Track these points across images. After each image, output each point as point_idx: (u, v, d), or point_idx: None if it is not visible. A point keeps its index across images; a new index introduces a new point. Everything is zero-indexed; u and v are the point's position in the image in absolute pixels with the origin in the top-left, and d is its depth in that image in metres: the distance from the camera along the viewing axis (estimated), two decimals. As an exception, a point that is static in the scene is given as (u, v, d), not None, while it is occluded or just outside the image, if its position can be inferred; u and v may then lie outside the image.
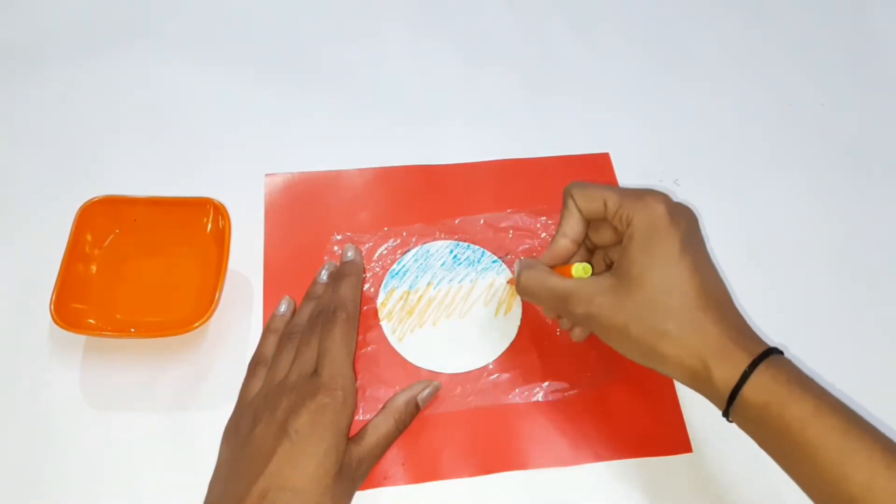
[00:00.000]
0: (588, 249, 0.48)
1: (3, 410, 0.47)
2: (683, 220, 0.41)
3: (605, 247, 0.46)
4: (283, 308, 0.50)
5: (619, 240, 0.43)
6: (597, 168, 0.59)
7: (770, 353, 0.38)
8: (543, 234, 0.55)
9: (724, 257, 0.56)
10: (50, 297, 0.47)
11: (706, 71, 0.66)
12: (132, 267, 0.52)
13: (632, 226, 0.41)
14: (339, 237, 0.54)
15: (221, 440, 0.45)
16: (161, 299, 0.51)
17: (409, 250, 0.54)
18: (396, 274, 0.53)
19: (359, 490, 0.44)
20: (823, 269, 0.56)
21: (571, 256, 0.46)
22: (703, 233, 0.43)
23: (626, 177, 0.59)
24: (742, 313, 0.53)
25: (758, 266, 0.55)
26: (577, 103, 0.63)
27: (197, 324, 0.47)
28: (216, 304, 0.47)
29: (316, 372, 0.43)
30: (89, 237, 0.51)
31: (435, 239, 0.55)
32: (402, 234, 0.55)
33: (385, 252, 0.54)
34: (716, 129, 0.62)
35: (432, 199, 0.57)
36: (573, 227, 0.45)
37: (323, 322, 0.45)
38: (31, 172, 0.57)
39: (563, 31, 0.68)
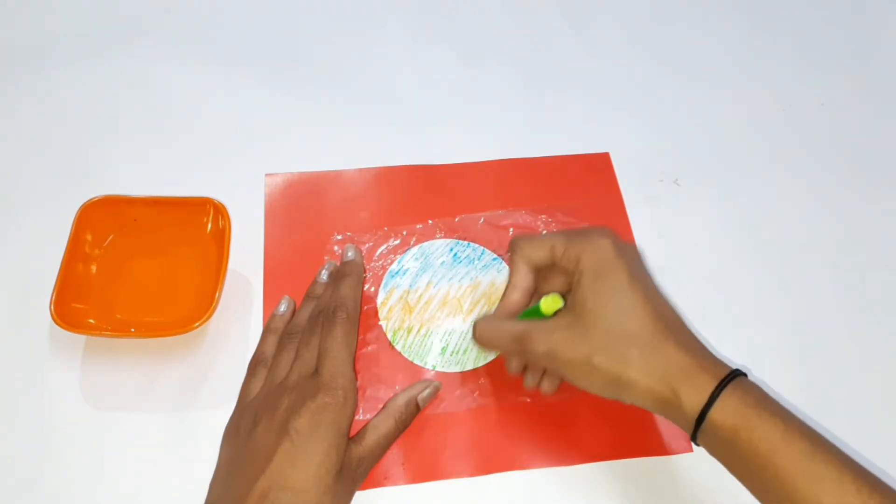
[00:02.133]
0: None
1: (2, 410, 0.47)
2: (628, 254, 0.43)
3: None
4: (282, 308, 0.50)
5: (570, 285, 0.43)
6: (597, 168, 0.59)
7: (735, 376, 0.38)
8: (544, 232, 0.55)
9: (725, 257, 0.56)
10: (50, 296, 0.47)
11: (706, 71, 0.66)
12: (132, 267, 0.52)
13: (581, 262, 0.42)
14: (339, 237, 0.54)
15: (222, 440, 0.45)
16: (161, 299, 0.50)
17: (408, 249, 0.54)
18: (396, 273, 0.53)
19: (359, 490, 0.44)
20: (824, 268, 0.56)
21: (523, 308, 0.46)
22: (648, 266, 0.44)
23: (627, 177, 0.59)
24: (742, 312, 0.53)
25: (758, 265, 0.55)
26: (578, 103, 0.63)
27: (197, 324, 0.47)
28: (216, 304, 0.47)
29: (317, 371, 0.43)
30: (89, 237, 0.51)
31: (435, 238, 0.55)
32: (402, 234, 0.55)
33: (385, 251, 0.54)
34: (716, 129, 0.62)
35: (432, 198, 0.57)
36: (522, 277, 0.46)
37: (323, 322, 0.45)
38: (32, 172, 0.57)
39: (563, 31, 0.68)
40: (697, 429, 0.38)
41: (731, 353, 0.51)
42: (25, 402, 0.48)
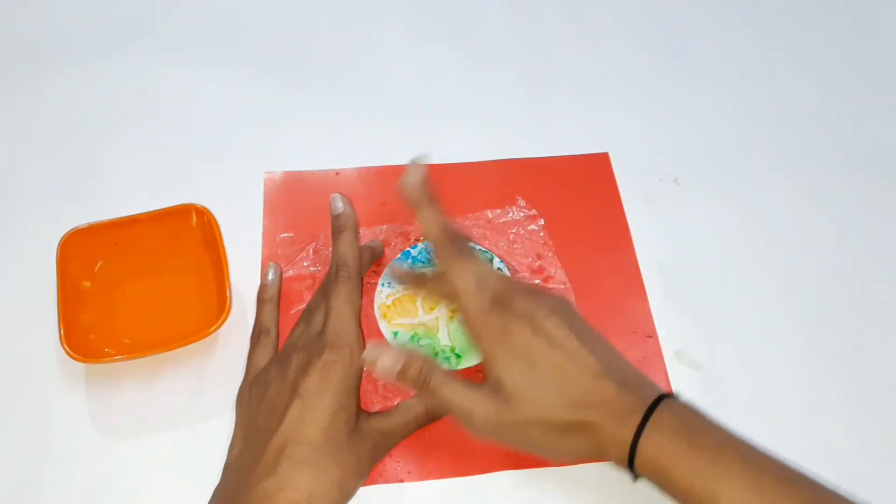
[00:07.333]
0: None
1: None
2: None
3: None
4: (270, 276, 0.51)
5: None
6: (596, 168, 0.59)
7: (656, 405, 0.37)
8: (531, 227, 0.55)
9: (724, 257, 0.56)
10: (58, 332, 0.45)
11: (706, 70, 0.66)
12: (127, 290, 0.50)
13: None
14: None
15: (236, 404, 0.45)
16: (163, 315, 0.50)
17: (408, 248, 0.54)
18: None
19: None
20: (823, 268, 0.56)
21: None
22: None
23: (627, 177, 0.59)
24: (740, 312, 0.53)
25: (758, 265, 0.55)
26: (577, 103, 0.63)
27: (213, 327, 0.46)
28: (230, 301, 0.47)
29: (322, 331, 0.43)
30: (76, 269, 0.49)
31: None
32: (401, 232, 0.55)
33: (386, 251, 0.54)
34: (716, 129, 0.62)
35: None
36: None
37: (328, 283, 0.46)
38: (31, 174, 0.57)
39: (563, 31, 0.68)
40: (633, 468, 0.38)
41: (730, 352, 0.51)
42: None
